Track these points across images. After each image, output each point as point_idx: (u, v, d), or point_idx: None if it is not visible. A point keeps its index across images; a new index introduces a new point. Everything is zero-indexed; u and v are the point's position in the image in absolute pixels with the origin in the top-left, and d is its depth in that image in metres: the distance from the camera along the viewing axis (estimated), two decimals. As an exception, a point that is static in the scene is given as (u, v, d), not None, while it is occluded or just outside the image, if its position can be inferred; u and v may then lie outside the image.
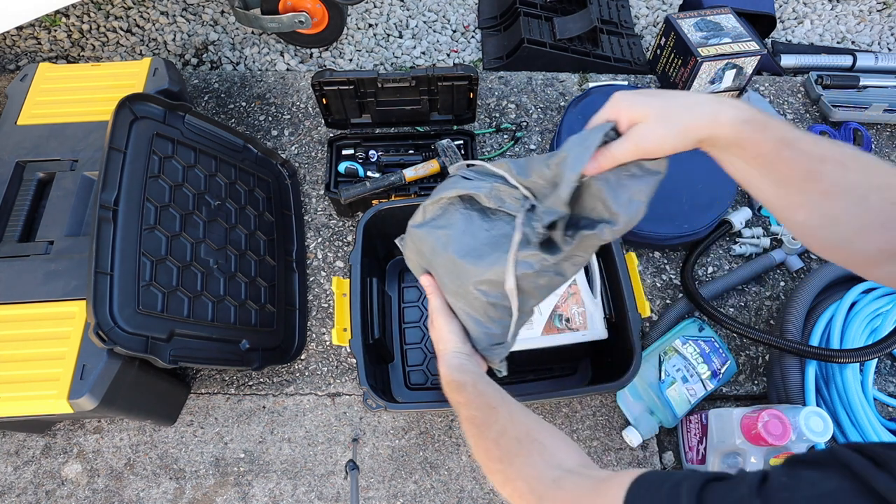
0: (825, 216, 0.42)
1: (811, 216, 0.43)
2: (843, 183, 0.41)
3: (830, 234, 0.43)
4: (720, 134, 0.44)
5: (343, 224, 1.26)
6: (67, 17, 1.65)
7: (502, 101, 1.42)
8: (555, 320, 0.91)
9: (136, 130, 0.96)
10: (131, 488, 1.01)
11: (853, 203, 0.41)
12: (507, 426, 0.51)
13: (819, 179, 0.41)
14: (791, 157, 0.42)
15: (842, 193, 0.41)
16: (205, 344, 0.94)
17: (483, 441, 0.52)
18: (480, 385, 0.57)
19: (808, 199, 0.42)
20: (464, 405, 0.57)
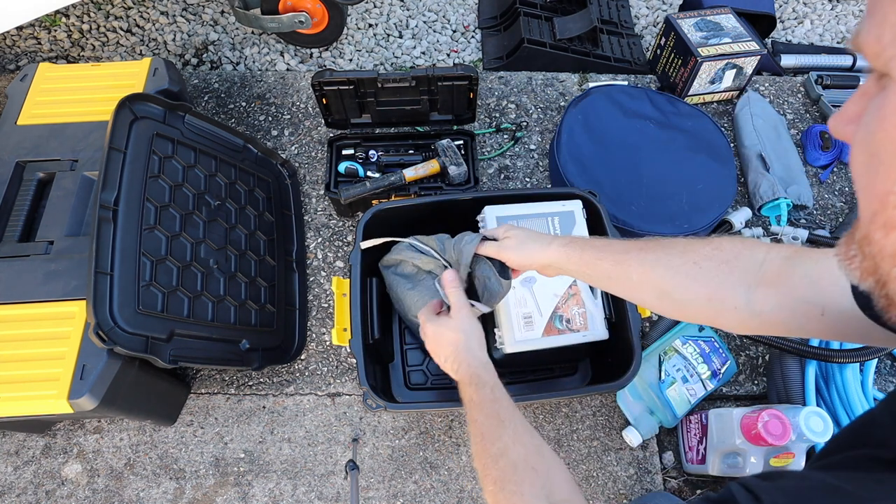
0: (654, 289, 0.53)
1: (646, 294, 0.55)
2: (648, 261, 0.53)
3: (668, 303, 0.53)
4: (551, 258, 0.63)
5: (343, 224, 1.26)
6: (67, 17, 1.65)
7: (502, 101, 1.42)
8: (555, 321, 0.91)
9: (136, 130, 0.96)
10: (131, 488, 1.01)
11: (663, 273, 0.52)
12: (509, 446, 0.55)
13: (630, 265, 0.55)
14: (604, 258, 0.57)
15: (651, 269, 0.53)
16: (205, 344, 0.94)
17: (483, 456, 0.56)
18: (497, 391, 0.62)
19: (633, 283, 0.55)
20: (476, 406, 0.60)
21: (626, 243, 0.57)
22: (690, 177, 1.19)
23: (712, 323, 0.52)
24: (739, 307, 0.47)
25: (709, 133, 1.25)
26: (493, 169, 1.33)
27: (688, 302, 0.51)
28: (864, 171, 0.24)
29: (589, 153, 1.21)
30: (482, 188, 1.28)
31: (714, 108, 1.41)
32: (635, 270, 0.54)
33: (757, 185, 1.23)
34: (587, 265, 0.59)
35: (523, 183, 1.31)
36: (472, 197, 0.99)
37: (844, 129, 0.26)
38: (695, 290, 0.50)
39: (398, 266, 0.97)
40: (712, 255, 0.50)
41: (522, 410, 1.06)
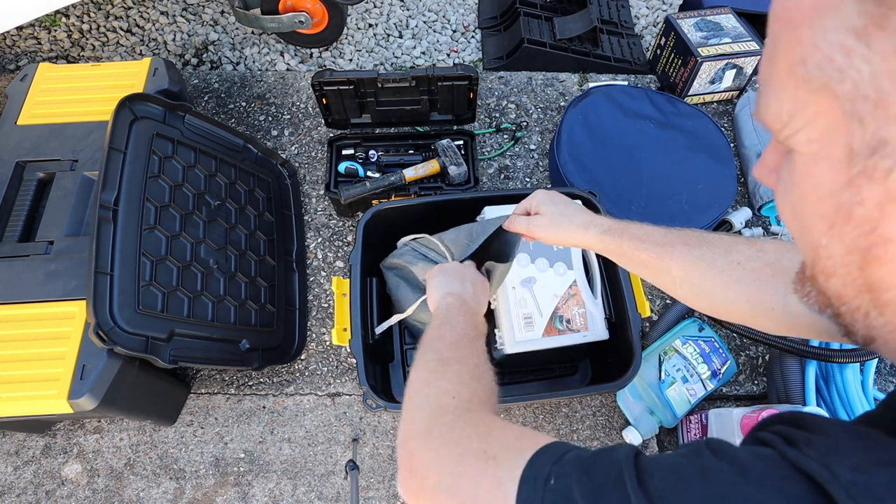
0: (692, 286, 0.53)
1: (682, 289, 0.54)
2: (691, 258, 0.52)
3: (703, 299, 0.53)
4: (588, 243, 0.61)
5: (343, 224, 1.26)
6: (67, 17, 1.65)
7: (502, 101, 1.42)
8: (555, 322, 0.91)
9: (136, 130, 0.96)
10: (131, 488, 1.01)
11: (706, 270, 0.51)
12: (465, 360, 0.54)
13: (672, 258, 0.53)
14: (645, 248, 0.55)
15: (693, 266, 0.52)
16: (205, 344, 0.94)
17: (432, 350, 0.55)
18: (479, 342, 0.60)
19: (672, 277, 0.54)
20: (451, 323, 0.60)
21: (667, 233, 0.55)
22: (690, 177, 1.19)
23: (747, 322, 0.52)
24: (776, 309, 0.47)
25: (709, 133, 1.25)
26: (493, 169, 1.33)
27: (726, 301, 0.51)
28: (792, 224, 0.26)
29: (589, 153, 1.21)
30: (482, 188, 1.28)
31: (714, 108, 1.41)
32: (676, 264, 0.53)
33: (757, 185, 1.23)
34: (625, 254, 0.58)
35: (523, 183, 1.31)
36: (472, 197, 0.99)
37: (768, 177, 0.27)
38: (736, 291, 0.49)
39: (399, 269, 0.97)
40: (756, 256, 0.49)
41: (522, 410, 1.07)
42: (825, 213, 0.23)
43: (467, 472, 0.36)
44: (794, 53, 0.22)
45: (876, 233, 0.21)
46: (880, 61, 0.19)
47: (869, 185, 0.21)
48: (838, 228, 0.23)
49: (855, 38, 0.19)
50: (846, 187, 0.22)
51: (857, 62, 0.20)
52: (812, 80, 0.21)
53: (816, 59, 0.21)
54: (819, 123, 0.22)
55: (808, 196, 0.24)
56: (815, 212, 0.24)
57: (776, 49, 0.23)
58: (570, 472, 0.29)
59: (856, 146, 0.21)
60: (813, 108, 0.22)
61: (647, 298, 0.97)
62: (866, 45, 0.19)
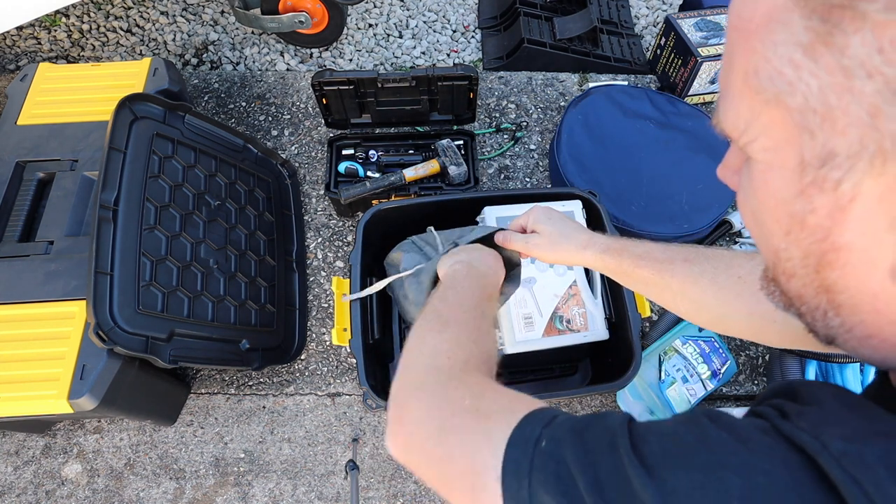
0: (694, 301, 0.52)
1: (683, 305, 0.54)
2: (692, 273, 0.52)
3: (706, 315, 0.53)
4: (587, 262, 0.60)
5: (343, 224, 1.26)
6: (67, 17, 1.65)
7: (502, 101, 1.42)
8: (556, 322, 0.91)
9: (136, 130, 0.96)
10: (131, 488, 1.01)
11: (707, 286, 0.51)
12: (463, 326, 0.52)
13: (673, 275, 0.53)
14: (645, 266, 0.54)
15: (694, 282, 0.51)
16: (205, 344, 0.94)
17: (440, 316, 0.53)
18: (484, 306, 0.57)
19: (673, 293, 0.54)
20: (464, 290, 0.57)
21: (667, 250, 0.55)
22: (690, 177, 1.19)
23: (752, 337, 0.52)
24: (779, 321, 0.47)
25: (709, 133, 1.25)
26: (493, 169, 1.33)
27: (728, 315, 0.51)
28: (752, 227, 0.26)
29: (589, 153, 1.21)
30: (482, 188, 1.28)
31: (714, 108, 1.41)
32: (677, 281, 0.53)
33: (757, 185, 1.23)
34: (625, 272, 0.57)
35: (523, 183, 1.31)
36: (472, 197, 0.99)
37: (731, 178, 0.28)
38: (737, 305, 0.49)
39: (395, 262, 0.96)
40: (756, 270, 0.49)
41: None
42: (781, 219, 0.24)
43: (457, 428, 0.35)
44: (748, 63, 0.22)
45: (828, 240, 0.22)
46: (827, 76, 0.19)
47: (820, 195, 0.21)
48: (794, 234, 0.23)
49: (802, 53, 0.20)
50: (799, 196, 0.22)
51: (806, 77, 0.20)
52: (765, 91, 0.22)
53: (768, 71, 0.21)
54: (772, 133, 0.22)
55: (765, 202, 0.24)
56: (772, 217, 0.24)
57: (732, 57, 0.24)
58: (561, 435, 0.28)
59: (807, 157, 0.21)
60: (766, 119, 0.22)
61: (647, 299, 0.97)
62: (813, 60, 0.20)
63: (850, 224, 0.21)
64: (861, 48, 0.18)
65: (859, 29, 0.18)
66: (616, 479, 0.25)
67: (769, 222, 0.25)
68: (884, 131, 0.18)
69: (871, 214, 0.20)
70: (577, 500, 0.25)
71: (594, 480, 0.25)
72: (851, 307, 0.23)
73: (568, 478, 0.26)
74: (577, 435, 0.28)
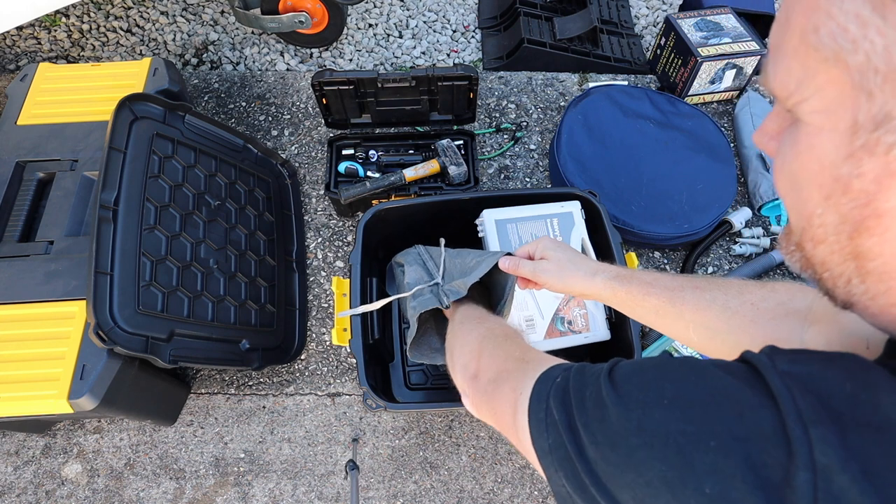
0: (707, 328, 0.52)
1: (696, 334, 0.53)
2: (704, 300, 0.52)
3: (720, 344, 0.52)
4: (595, 290, 0.59)
5: (343, 224, 1.26)
6: (67, 17, 1.65)
7: (502, 101, 1.42)
8: (557, 323, 0.91)
9: (136, 130, 0.96)
10: (131, 488, 1.01)
11: (720, 312, 0.50)
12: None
13: (684, 302, 0.52)
14: (656, 294, 0.54)
15: (707, 308, 0.51)
16: (205, 344, 0.94)
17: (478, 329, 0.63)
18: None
19: (685, 322, 0.53)
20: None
21: (676, 279, 0.55)
22: (690, 177, 1.19)
23: None
24: (795, 345, 0.46)
25: (709, 133, 1.25)
26: (493, 169, 1.33)
27: (743, 341, 0.50)
28: (788, 192, 0.27)
29: (589, 153, 1.21)
30: (482, 188, 1.28)
31: (714, 108, 1.41)
32: (688, 309, 0.52)
33: (757, 185, 1.23)
34: (634, 300, 0.56)
35: (523, 183, 1.31)
36: (472, 197, 0.99)
37: (767, 144, 0.28)
38: (752, 331, 0.49)
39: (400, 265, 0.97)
40: (768, 296, 0.49)
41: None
42: (823, 183, 0.24)
43: (509, 369, 0.47)
44: (807, 21, 0.22)
45: (871, 206, 0.22)
46: (894, 34, 0.19)
47: (870, 159, 0.21)
48: (835, 199, 0.23)
49: (871, 9, 0.20)
50: (847, 159, 0.22)
51: (872, 34, 0.20)
52: (824, 48, 0.21)
53: (830, 28, 0.21)
54: (827, 94, 0.22)
55: (808, 165, 0.24)
56: (813, 181, 0.24)
57: (790, 15, 0.23)
58: (570, 374, 0.36)
59: (861, 119, 0.21)
60: (822, 78, 0.22)
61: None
62: (882, 17, 0.19)
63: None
64: None
65: None
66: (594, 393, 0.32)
67: (808, 187, 0.24)
68: None
69: None
70: (569, 408, 0.33)
71: (581, 396, 0.33)
72: (880, 275, 0.23)
73: (567, 397, 0.34)
74: (579, 373, 0.36)
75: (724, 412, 0.25)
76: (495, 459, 1.04)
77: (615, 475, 0.28)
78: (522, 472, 1.03)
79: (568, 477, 0.31)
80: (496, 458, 1.04)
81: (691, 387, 0.27)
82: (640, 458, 0.26)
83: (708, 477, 0.23)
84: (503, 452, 1.05)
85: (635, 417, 0.28)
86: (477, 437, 1.06)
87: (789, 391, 0.23)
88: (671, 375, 0.29)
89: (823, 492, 0.21)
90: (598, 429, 0.30)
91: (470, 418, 1.07)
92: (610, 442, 0.28)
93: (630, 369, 0.32)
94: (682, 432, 0.25)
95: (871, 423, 0.22)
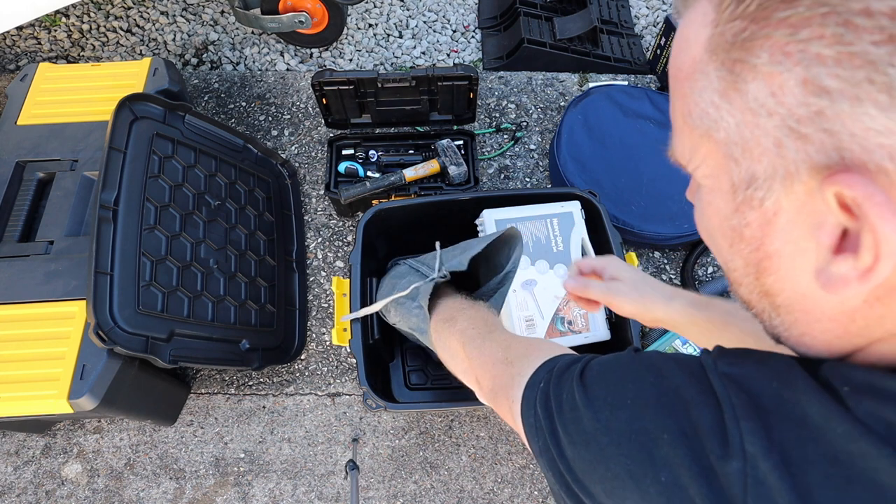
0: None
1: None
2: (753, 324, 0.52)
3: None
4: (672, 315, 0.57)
5: (343, 224, 1.26)
6: (67, 17, 1.65)
7: (502, 101, 1.42)
8: (557, 323, 0.91)
9: (136, 130, 0.96)
10: (131, 488, 1.01)
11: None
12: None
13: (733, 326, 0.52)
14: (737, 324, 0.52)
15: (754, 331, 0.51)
16: (205, 344, 0.94)
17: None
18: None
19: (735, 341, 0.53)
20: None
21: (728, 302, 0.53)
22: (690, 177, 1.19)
23: None
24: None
25: (709, 133, 1.25)
26: (493, 169, 1.33)
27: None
28: (707, 241, 0.31)
29: (589, 153, 1.21)
30: (482, 188, 1.28)
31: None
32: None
33: (757, 185, 1.23)
34: (714, 328, 0.53)
35: (523, 183, 1.31)
36: (472, 197, 0.99)
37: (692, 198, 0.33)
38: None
39: None
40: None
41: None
42: (725, 233, 0.28)
43: (500, 375, 0.49)
44: (684, 105, 0.27)
45: (762, 249, 0.26)
46: (739, 115, 0.23)
47: (750, 211, 0.25)
48: (736, 246, 0.27)
49: (719, 97, 0.24)
50: (735, 213, 0.26)
51: (725, 115, 0.24)
52: (697, 128, 0.26)
53: (697, 112, 0.26)
54: (709, 162, 0.27)
55: (712, 219, 0.29)
56: (719, 232, 0.28)
57: (674, 101, 0.28)
58: (552, 377, 0.38)
59: (736, 181, 0.25)
60: (703, 150, 0.27)
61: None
62: (728, 102, 0.24)
63: (777, 234, 0.24)
64: (759, 93, 0.22)
65: (755, 78, 0.22)
66: (569, 396, 0.34)
67: (717, 237, 0.29)
68: (787, 158, 0.22)
69: (792, 225, 0.24)
70: (551, 412, 0.35)
71: (559, 400, 0.35)
72: (787, 307, 0.27)
73: (549, 402, 0.36)
74: (558, 377, 0.38)
75: (675, 410, 0.28)
76: (495, 459, 1.04)
77: (588, 471, 0.31)
78: (522, 472, 1.03)
79: (555, 476, 0.34)
80: (496, 458, 1.04)
81: (649, 387, 0.30)
82: (609, 455, 0.29)
83: (662, 467, 0.27)
84: (503, 452, 1.05)
85: (604, 418, 0.31)
86: (477, 437, 1.06)
87: (726, 390, 0.27)
88: (632, 376, 0.32)
89: (751, 477, 0.24)
90: (573, 430, 0.33)
91: (470, 418, 1.07)
92: (584, 441, 0.31)
93: (598, 370, 0.35)
94: (641, 429, 0.28)
95: (790, 418, 0.24)
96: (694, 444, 0.26)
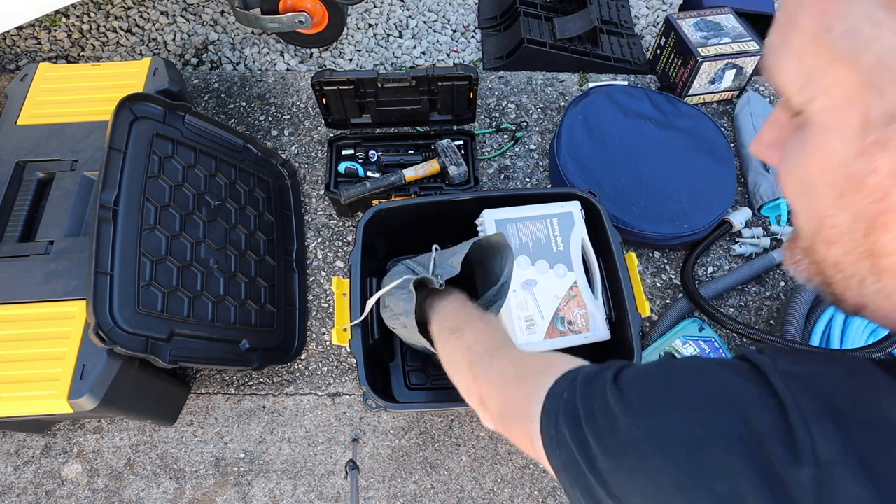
0: None
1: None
2: None
3: None
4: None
5: (343, 224, 1.26)
6: (67, 17, 1.65)
7: (502, 101, 1.42)
8: (557, 323, 0.91)
9: (136, 130, 0.96)
10: (131, 488, 1.01)
11: None
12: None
13: None
14: None
15: None
16: (205, 344, 0.93)
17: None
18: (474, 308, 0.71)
19: None
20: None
21: None
22: (690, 177, 1.19)
23: None
24: None
25: (709, 133, 1.25)
26: (493, 169, 1.33)
27: None
28: (798, 196, 0.27)
29: (589, 153, 1.21)
30: (482, 188, 1.28)
31: (714, 108, 1.41)
32: None
33: (757, 185, 1.23)
34: None
35: (523, 183, 1.31)
36: (472, 197, 0.99)
37: (765, 153, 0.29)
38: None
39: None
40: None
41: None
42: (835, 182, 0.24)
43: (512, 394, 0.46)
44: (818, 21, 0.22)
45: (886, 200, 0.22)
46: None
47: (883, 154, 0.21)
48: (848, 197, 0.23)
49: (884, 10, 0.20)
50: (859, 156, 0.22)
51: (885, 34, 0.20)
52: (836, 48, 0.22)
53: (843, 28, 0.21)
54: (836, 92, 0.22)
55: (818, 167, 0.24)
56: (824, 182, 0.24)
57: (799, 13, 0.23)
58: (576, 387, 0.36)
59: (873, 116, 0.21)
60: (832, 77, 0.22)
61: (647, 298, 0.97)
62: (894, 17, 0.20)
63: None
64: None
65: None
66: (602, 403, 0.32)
67: (820, 188, 0.25)
68: None
69: None
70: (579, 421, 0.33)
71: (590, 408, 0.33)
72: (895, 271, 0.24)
73: (576, 411, 0.34)
74: (585, 383, 0.35)
75: (729, 412, 0.25)
76: (495, 459, 1.04)
77: (626, 483, 0.28)
78: (522, 472, 1.03)
79: (582, 492, 0.31)
80: (496, 458, 1.04)
81: (696, 389, 0.27)
82: (652, 464, 0.26)
83: (718, 476, 0.24)
84: (503, 452, 1.05)
85: (644, 423, 0.28)
86: (477, 437, 1.06)
87: (790, 390, 0.24)
88: (676, 379, 0.29)
89: (825, 486, 0.21)
90: (609, 438, 0.30)
91: (470, 418, 1.07)
92: (621, 450, 0.29)
93: (635, 375, 0.32)
94: (690, 435, 0.26)
95: (869, 421, 0.22)
96: (754, 450, 0.23)
